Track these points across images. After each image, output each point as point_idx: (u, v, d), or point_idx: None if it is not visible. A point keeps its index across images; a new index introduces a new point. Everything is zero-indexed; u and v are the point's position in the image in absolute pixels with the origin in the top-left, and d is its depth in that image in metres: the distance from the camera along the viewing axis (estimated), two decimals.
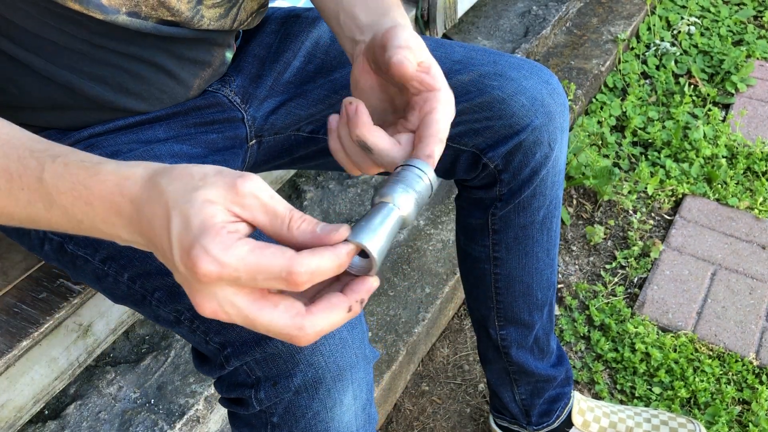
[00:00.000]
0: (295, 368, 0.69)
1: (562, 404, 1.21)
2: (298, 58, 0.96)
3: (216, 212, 0.48)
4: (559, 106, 0.93)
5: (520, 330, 1.11)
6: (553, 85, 0.94)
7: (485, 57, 0.93)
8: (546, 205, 1.00)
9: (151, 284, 0.76)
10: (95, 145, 0.83)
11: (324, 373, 0.70)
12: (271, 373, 0.70)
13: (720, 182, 1.84)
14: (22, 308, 0.95)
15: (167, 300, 0.75)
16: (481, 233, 1.04)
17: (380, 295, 1.45)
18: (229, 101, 0.93)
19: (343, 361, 0.71)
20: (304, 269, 0.47)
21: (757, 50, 2.30)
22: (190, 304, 0.73)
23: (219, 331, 0.72)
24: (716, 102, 2.14)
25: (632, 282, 1.63)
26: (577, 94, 1.99)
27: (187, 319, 0.75)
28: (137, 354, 1.23)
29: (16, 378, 0.95)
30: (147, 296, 0.77)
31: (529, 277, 1.06)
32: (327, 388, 0.71)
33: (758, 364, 1.43)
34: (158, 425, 1.11)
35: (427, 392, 1.43)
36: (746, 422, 1.34)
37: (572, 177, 1.83)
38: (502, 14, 2.22)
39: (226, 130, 0.91)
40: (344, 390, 0.72)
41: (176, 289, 0.74)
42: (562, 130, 0.95)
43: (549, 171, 0.96)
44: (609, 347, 1.48)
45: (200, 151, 0.87)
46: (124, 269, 0.78)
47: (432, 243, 1.55)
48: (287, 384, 0.70)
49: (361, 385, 0.74)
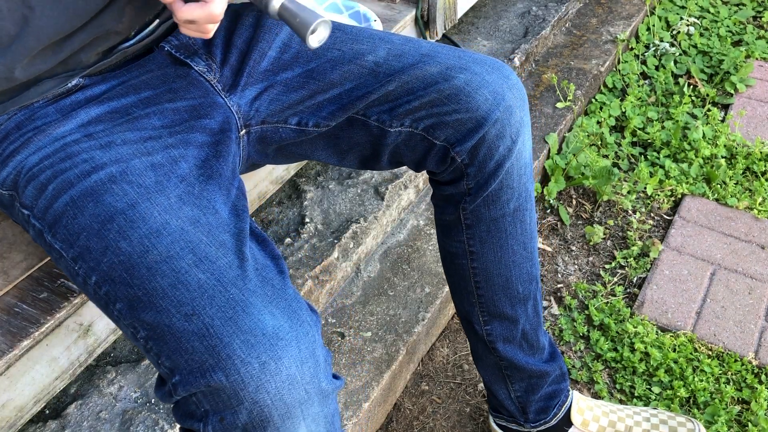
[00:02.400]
0: (239, 405, 0.68)
1: (559, 401, 1.22)
2: (273, 48, 1.00)
3: None
4: (518, 101, 0.98)
5: (505, 324, 1.13)
6: (512, 80, 0.99)
7: (450, 52, 0.99)
8: (515, 198, 1.03)
9: (114, 293, 0.76)
10: (93, 136, 0.84)
11: (270, 411, 0.68)
12: (218, 407, 0.70)
13: (719, 182, 1.84)
14: (23, 308, 0.95)
15: (127, 313, 0.75)
16: (455, 229, 1.07)
17: (380, 294, 1.45)
18: (212, 87, 0.96)
19: (290, 399, 0.69)
20: None
21: (756, 50, 2.30)
22: (147, 322, 0.73)
23: (169, 355, 0.72)
24: (715, 102, 2.14)
25: (631, 282, 1.63)
26: (577, 94, 2.00)
27: (143, 338, 0.75)
28: (138, 353, 1.23)
29: (17, 378, 0.95)
30: (109, 305, 0.77)
31: (507, 270, 1.08)
32: (275, 426, 0.69)
33: (757, 363, 1.43)
34: (159, 425, 1.11)
35: (427, 392, 1.44)
36: (745, 422, 1.34)
37: (572, 177, 1.83)
38: (502, 15, 2.22)
39: (215, 115, 0.93)
40: (295, 427, 0.71)
41: (135, 302, 0.74)
42: (523, 124, 1.00)
43: (513, 164, 1.00)
44: (608, 347, 1.48)
45: (198, 136, 0.89)
46: (93, 271, 0.77)
47: (432, 243, 1.56)
48: (234, 420, 0.69)
49: (316, 419, 0.73)
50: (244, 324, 0.70)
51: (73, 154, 0.82)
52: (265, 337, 0.69)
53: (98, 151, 0.82)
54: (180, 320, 0.71)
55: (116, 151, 0.82)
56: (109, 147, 0.82)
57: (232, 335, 0.69)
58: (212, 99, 0.95)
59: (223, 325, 0.70)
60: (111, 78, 0.92)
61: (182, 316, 0.71)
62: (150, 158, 0.82)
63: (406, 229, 1.59)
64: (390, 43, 1.01)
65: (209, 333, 0.69)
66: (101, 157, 0.81)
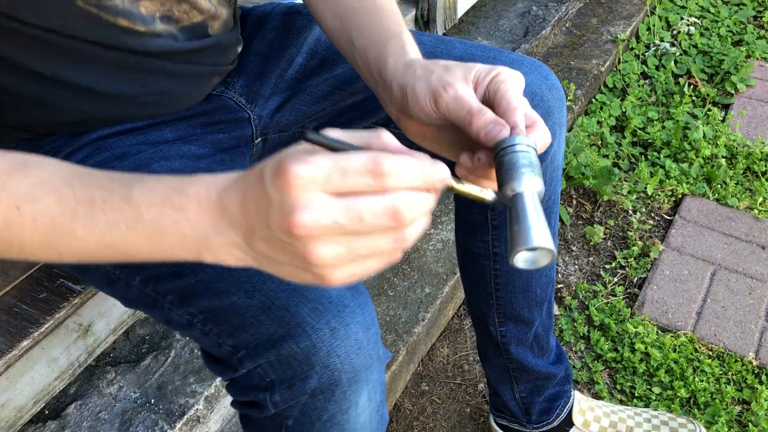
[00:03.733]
0: (310, 370, 0.69)
1: (562, 402, 1.21)
2: (300, 55, 0.96)
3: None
4: (557, 102, 0.94)
5: (520, 327, 1.12)
6: (551, 81, 0.94)
7: (485, 54, 0.94)
8: (544, 200, 1.00)
9: (163, 287, 0.76)
10: (103, 147, 0.83)
11: (340, 375, 0.69)
12: (286, 375, 0.70)
13: (719, 182, 1.84)
14: (23, 308, 0.95)
15: (179, 303, 0.75)
16: (480, 229, 1.05)
17: (380, 295, 1.45)
18: (235, 103, 0.93)
19: (358, 363, 0.70)
20: (389, 158, 0.47)
21: (756, 50, 2.30)
22: (203, 307, 0.73)
23: (232, 333, 0.72)
24: (716, 102, 2.14)
25: (632, 282, 1.63)
26: (577, 94, 1.99)
27: (200, 322, 0.74)
28: (137, 354, 1.23)
29: (17, 378, 0.95)
30: (159, 299, 0.77)
31: (528, 273, 1.07)
32: (343, 390, 0.70)
33: (758, 364, 1.43)
34: (158, 425, 1.11)
35: (427, 392, 1.43)
36: (746, 422, 1.34)
37: (572, 177, 1.83)
38: (502, 14, 2.22)
39: (232, 130, 0.92)
40: (359, 392, 0.72)
41: (188, 291, 0.74)
42: (561, 126, 0.96)
43: (548, 166, 0.97)
44: (609, 347, 1.48)
45: (207, 150, 0.87)
46: (136, 273, 0.77)
47: (432, 243, 1.55)
48: (303, 386, 0.70)
49: (375, 386, 0.74)
50: (309, 293, 0.70)
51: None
52: (331, 304, 0.70)
53: (116, 162, 0.81)
54: (242, 298, 0.71)
55: (133, 159, 0.82)
56: (125, 157, 0.82)
57: (299, 304, 0.69)
58: (235, 115, 0.93)
59: (287, 297, 0.70)
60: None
61: (243, 293, 0.71)
62: (169, 163, 0.82)
63: None
64: (420, 45, 0.98)
65: (274, 305, 0.70)
66: (120, 166, 0.81)
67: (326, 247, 0.47)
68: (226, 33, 0.87)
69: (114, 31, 0.76)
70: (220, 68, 0.91)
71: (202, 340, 0.76)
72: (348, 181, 0.46)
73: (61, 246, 0.54)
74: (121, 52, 0.78)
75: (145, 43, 0.78)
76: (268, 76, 0.95)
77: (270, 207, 0.47)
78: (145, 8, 0.76)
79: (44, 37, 0.73)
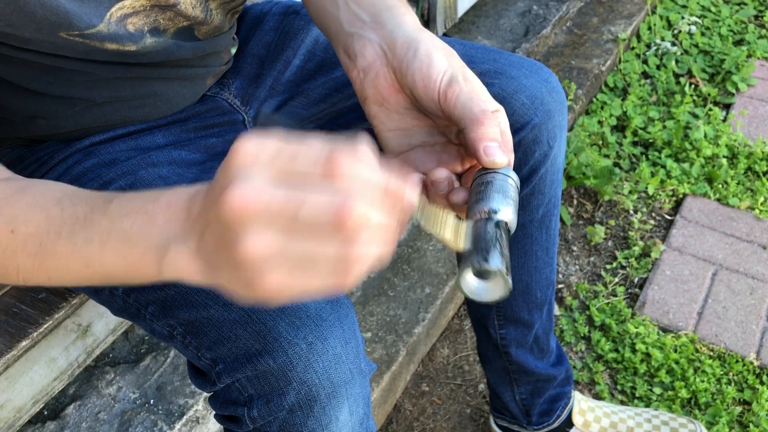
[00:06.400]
0: (287, 386, 0.68)
1: (562, 404, 1.21)
2: (298, 57, 0.95)
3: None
4: (558, 105, 0.93)
5: (520, 329, 1.11)
6: (552, 83, 0.93)
7: (485, 55, 0.93)
8: (545, 204, 0.99)
9: (145, 298, 0.75)
10: (93, 154, 0.83)
11: (318, 390, 0.68)
12: (264, 390, 0.69)
13: (721, 182, 1.84)
14: (21, 308, 0.94)
15: (160, 314, 0.75)
16: None
17: (380, 295, 1.45)
18: (229, 104, 0.93)
19: (337, 378, 0.69)
20: (349, 156, 0.42)
21: (757, 50, 2.29)
22: (182, 319, 0.73)
23: (210, 347, 0.71)
24: (717, 102, 2.14)
25: (633, 282, 1.63)
26: (578, 93, 1.99)
27: (180, 334, 0.74)
28: (137, 354, 1.22)
29: (15, 378, 0.95)
30: (141, 310, 0.77)
31: (528, 276, 1.06)
32: (322, 405, 0.69)
33: (759, 364, 1.43)
34: (158, 425, 1.11)
35: (427, 393, 1.43)
36: (747, 423, 1.34)
37: (573, 177, 1.83)
38: (503, 14, 2.22)
39: (225, 134, 0.91)
40: (340, 407, 0.71)
41: (168, 302, 0.73)
42: (561, 129, 0.95)
43: (548, 169, 0.96)
44: (609, 347, 1.48)
45: (199, 156, 0.87)
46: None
47: (432, 243, 1.55)
48: (280, 402, 0.69)
49: (357, 400, 0.73)
50: (287, 307, 0.69)
51: (80, 175, 0.81)
52: (309, 318, 0.69)
53: (104, 168, 0.81)
54: (219, 311, 0.70)
55: (122, 166, 0.81)
56: (114, 163, 0.82)
57: (276, 319, 0.68)
58: (229, 117, 0.92)
59: (264, 310, 0.69)
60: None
61: (221, 306, 0.70)
62: (156, 170, 0.81)
63: (406, 230, 1.59)
64: None
65: (251, 319, 0.69)
66: (107, 173, 0.80)
67: (258, 235, 0.42)
68: (215, 37, 0.86)
69: (105, 54, 0.75)
70: (214, 69, 0.90)
71: (184, 352, 0.76)
72: (296, 166, 0.43)
73: (49, 267, 0.54)
74: (114, 66, 0.78)
75: (138, 58, 0.78)
76: (264, 78, 0.94)
77: (213, 188, 0.45)
78: (133, 25, 0.75)
79: (35, 60, 0.73)
